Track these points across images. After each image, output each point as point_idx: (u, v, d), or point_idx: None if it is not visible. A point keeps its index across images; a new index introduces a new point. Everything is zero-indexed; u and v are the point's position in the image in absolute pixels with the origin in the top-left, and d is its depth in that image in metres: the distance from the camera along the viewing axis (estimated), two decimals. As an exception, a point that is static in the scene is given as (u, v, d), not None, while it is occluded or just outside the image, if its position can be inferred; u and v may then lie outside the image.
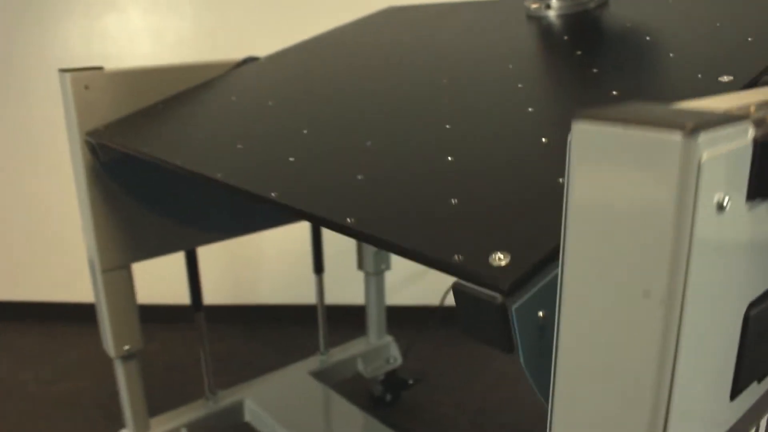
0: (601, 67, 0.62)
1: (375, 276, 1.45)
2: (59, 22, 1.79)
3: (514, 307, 0.37)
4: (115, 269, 1.00)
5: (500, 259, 0.39)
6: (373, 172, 0.55)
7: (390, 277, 1.92)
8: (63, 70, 0.92)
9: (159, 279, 1.92)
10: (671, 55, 0.60)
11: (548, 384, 0.40)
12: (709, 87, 0.52)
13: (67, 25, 1.78)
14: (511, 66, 0.70)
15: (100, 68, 0.94)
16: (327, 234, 1.85)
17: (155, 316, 1.95)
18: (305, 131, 0.69)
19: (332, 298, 1.92)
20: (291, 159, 0.63)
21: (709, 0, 0.73)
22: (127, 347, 1.04)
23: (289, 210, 0.53)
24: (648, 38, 0.65)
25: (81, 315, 1.97)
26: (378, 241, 0.45)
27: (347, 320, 1.93)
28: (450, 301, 1.96)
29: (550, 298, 0.39)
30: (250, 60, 1.10)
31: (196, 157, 0.70)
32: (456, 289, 0.40)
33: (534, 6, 0.83)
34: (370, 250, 1.43)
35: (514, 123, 0.57)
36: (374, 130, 0.64)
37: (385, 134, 0.63)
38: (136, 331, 1.06)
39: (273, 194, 0.55)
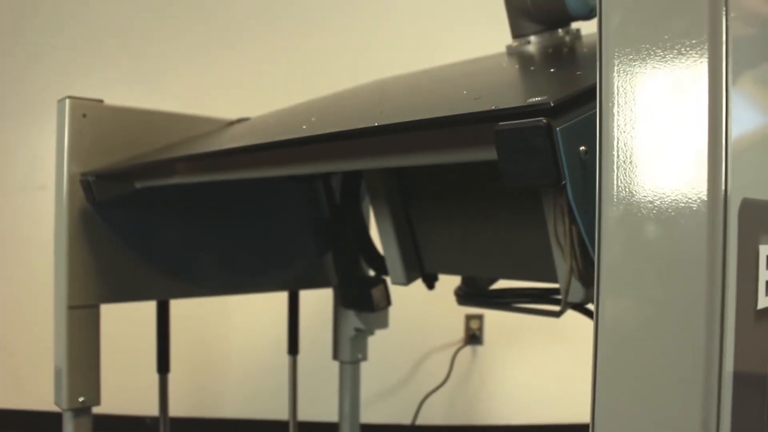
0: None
1: (351, 365, 1.37)
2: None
3: (559, 128, 0.37)
4: (82, 307, 0.94)
5: (538, 100, 0.40)
6: (386, 108, 0.56)
7: (362, 394, 1.81)
8: (63, 99, 0.93)
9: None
10: None
11: (592, 216, 0.39)
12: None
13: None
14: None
15: (100, 101, 0.96)
16: (302, 352, 1.77)
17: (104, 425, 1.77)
18: (312, 118, 0.71)
19: (305, 414, 1.79)
20: (304, 127, 0.64)
21: None
22: (82, 399, 0.94)
23: (318, 139, 0.52)
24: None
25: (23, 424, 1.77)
26: (411, 124, 0.45)
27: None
28: (422, 419, 1.83)
29: (588, 134, 0.39)
30: (243, 120, 1.14)
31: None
32: (498, 131, 0.39)
33: (515, 44, 0.91)
34: (346, 337, 1.37)
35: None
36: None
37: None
38: (96, 383, 0.96)
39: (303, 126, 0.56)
